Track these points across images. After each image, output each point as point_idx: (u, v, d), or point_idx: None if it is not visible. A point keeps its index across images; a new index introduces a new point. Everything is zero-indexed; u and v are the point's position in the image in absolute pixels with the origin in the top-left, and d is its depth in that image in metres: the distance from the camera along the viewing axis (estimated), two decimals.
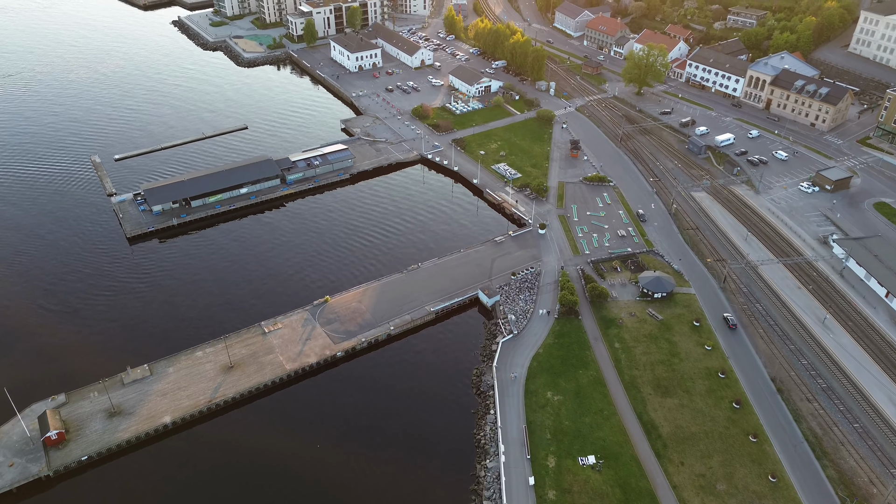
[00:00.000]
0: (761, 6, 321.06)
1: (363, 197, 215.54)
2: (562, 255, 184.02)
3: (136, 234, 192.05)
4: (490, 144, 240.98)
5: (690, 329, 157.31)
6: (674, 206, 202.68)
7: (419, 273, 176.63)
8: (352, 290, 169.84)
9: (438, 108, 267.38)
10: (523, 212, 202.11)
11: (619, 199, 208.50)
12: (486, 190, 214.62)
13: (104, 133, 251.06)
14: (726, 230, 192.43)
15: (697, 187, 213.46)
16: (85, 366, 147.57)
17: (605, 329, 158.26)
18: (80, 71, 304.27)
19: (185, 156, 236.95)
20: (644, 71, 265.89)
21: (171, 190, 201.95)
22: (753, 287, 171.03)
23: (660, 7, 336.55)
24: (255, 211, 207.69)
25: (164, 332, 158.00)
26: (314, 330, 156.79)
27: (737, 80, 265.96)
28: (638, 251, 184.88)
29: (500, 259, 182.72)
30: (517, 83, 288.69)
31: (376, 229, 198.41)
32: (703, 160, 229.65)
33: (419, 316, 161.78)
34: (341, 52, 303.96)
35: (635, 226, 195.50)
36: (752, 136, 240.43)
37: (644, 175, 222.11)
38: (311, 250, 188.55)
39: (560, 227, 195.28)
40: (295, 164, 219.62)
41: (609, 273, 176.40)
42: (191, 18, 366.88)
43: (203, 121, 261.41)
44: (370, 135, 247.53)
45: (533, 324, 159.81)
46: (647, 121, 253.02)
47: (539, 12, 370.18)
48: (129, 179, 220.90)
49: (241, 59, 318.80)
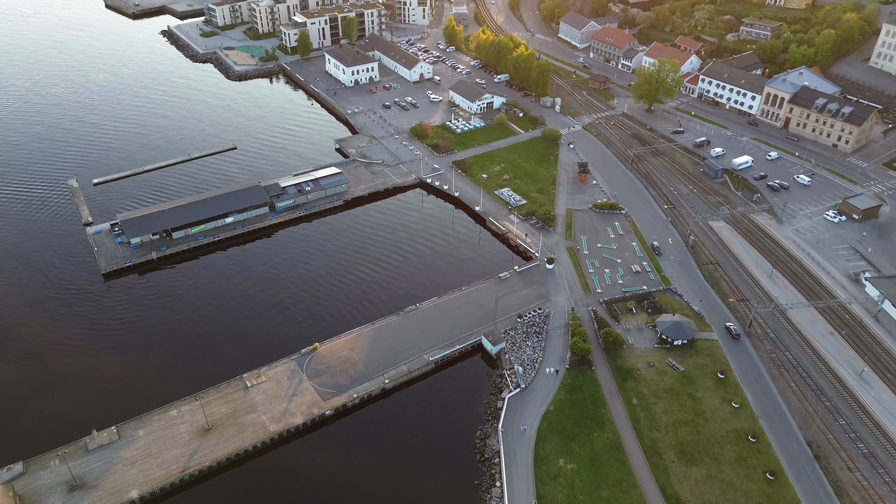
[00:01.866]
0: (776, 17, 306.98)
1: (357, 226, 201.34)
2: (572, 293, 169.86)
3: (112, 269, 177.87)
4: (493, 167, 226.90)
5: (715, 383, 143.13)
6: (691, 238, 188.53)
7: (417, 315, 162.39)
8: (343, 335, 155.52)
9: (438, 126, 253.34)
10: (529, 243, 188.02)
11: (631, 229, 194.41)
12: (489, 218, 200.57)
13: (84, 154, 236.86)
14: (749, 265, 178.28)
15: (715, 216, 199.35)
16: (47, 427, 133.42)
17: (622, 382, 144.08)
18: (63, 85, 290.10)
19: (169, 179, 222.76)
20: (655, 87, 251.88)
21: (151, 221, 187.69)
22: (781, 332, 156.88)
23: (669, 18, 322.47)
24: (241, 242, 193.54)
25: (136, 386, 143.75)
26: (301, 384, 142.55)
27: (753, 97, 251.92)
28: (654, 289, 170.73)
29: (506, 298, 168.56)
30: (520, 99, 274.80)
31: (371, 263, 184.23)
32: (720, 185, 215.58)
33: (417, 366, 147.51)
34: (336, 65, 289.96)
35: (650, 260, 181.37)
36: (770, 158, 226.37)
37: (658, 202, 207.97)
38: (301, 287, 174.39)
39: (569, 262, 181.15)
40: (285, 191, 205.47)
41: (624, 315, 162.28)
42: (181, 28, 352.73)
43: (189, 140, 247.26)
44: (366, 156, 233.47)
45: (542, 376, 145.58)
46: (660, 141, 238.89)
47: (543, 22, 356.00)
48: (107, 206, 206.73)
49: (232, 72, 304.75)
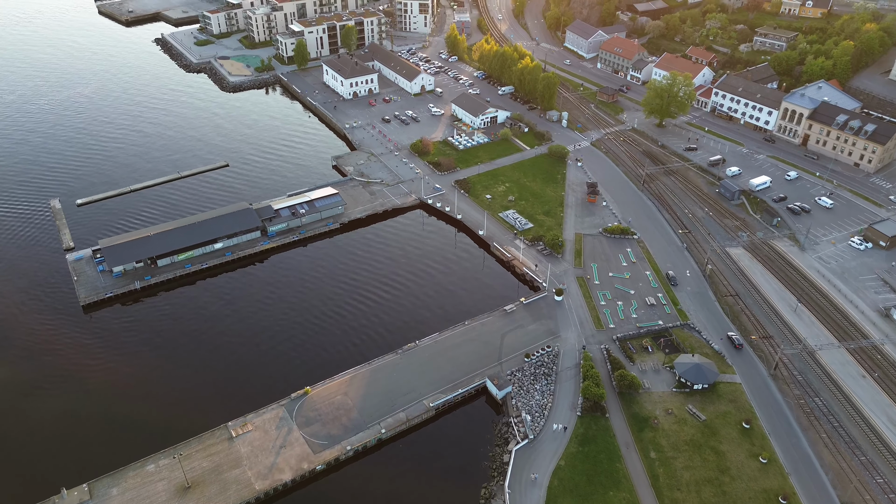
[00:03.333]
0: (790, 27, 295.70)
1: (354, 252, 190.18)
2: (583, 329, 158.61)
3: (92, 300, 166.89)
4: (497, 186, 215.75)
5: (740, 434, 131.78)
6: (708, 267, 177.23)
7: (416, 354, 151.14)
8: (337, 377, 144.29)
9: (439, 142, 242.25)
10: (536, 272, 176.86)
11: (644, 257, 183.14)
12: (494, 243, 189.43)
13: (68, 172, 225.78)
14: (771, 298, 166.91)
15: (733, 242, 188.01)
16: (10, 486, 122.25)
17: (638, 431, 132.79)
18: (51, 97, 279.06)
19: (158, 199, 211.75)
20: (667, 101, 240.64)
21: (134, 248, 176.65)
22: (810, 374, 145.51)
23: (679, 27, 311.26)
24: (230, 269, 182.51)
25: (111, 437, 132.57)
26: (291, 433, 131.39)
27: (769, 113, 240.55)
28: (671, 325, 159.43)
29: (512, 334, 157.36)
30: (526, 112, 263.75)
31: (368, 293, 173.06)
32: (737, 207, 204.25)
33: (416, 413, 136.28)
34: (334, 76, 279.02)
35: (665, 291, 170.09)
36: (790, 179, 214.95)
37: (671, 225, 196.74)
38: (292, 320, 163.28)
39: (579, 293, 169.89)
40: (278, 213, 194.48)
41: (639, 354, 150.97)
42: (174, 36, 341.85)
43: (180, 156, 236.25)
44: (364, 174, 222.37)
45: (552, 425, 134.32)
46: (672, 159, 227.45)
47: (548, 31, 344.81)
48: (91, 229, 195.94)
49: (226, 82, 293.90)
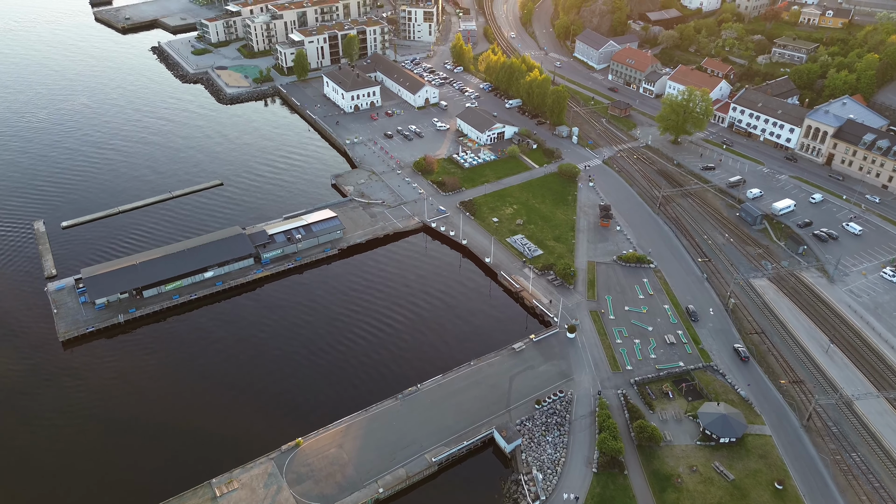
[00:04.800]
0: (810, 37, 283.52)
1: (352, 281, 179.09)
2: (598, 371, 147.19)
3: (72, 336, 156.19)
4: (504, 209, 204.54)
5: (772, 496, 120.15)
6: (731, 301, 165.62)
7: (418, 400, 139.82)
8: (332, 426, 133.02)
9: (444, 159, 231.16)
10: (547, 305, 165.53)
11: (662, 288, 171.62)
12: (501, 272, 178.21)
13: (55, 191, 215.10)
14: (800, 337, 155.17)
15: (757, 272, 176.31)
16: None
17: (660, 492, 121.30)
18: (40, 113, 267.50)
19: (147, 221, 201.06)
20: (683, 118, 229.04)
21: (119, 277, 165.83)
22: (845, 425, 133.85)
23: (694, 37, 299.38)
24: (220, 299, 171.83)
25: (84, 497, 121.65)
26: (280, 493, 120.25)
27: (791, 130, 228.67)
28: (692, 367, 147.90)
29: (521, 376, 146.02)
30: (534, 127, 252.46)
31: (366, 328, 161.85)
32: (760, 232, 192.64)
33: (417, 469, 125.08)
34: (335, 88, 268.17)
35: (686, 328, 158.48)
36: (814, 201, 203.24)
37: (690, 253, 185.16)
38: (285, 360, 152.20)
39: (593, 329, 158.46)
40: (272, 239, 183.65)
41: (659, 401, 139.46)
42: (171, 45, 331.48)
43: (173, 174, 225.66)
44: (364, 195, 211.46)
45: (566, 484, 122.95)
46: (689, 180, 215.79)
47: (557, 40, 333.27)
48: (76, 254, 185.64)
49: (223, 94, 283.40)
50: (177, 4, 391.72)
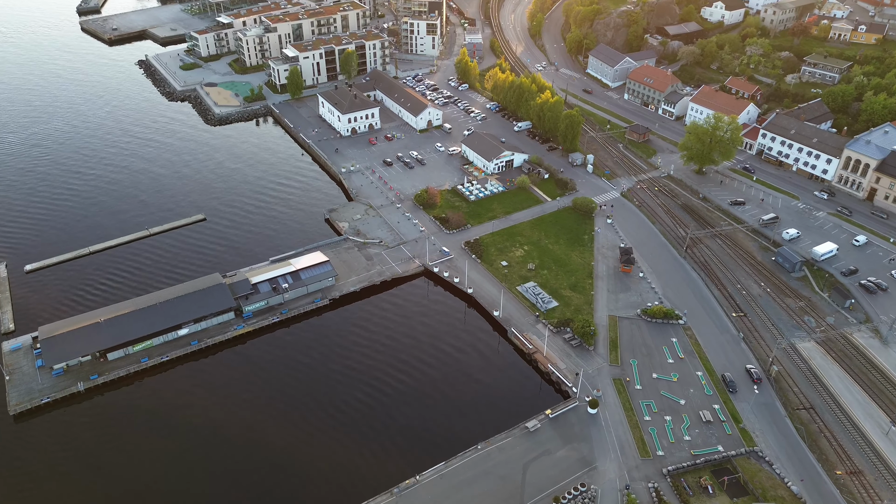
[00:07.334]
0: (842, 55, 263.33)
1: (343, 337, 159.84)
2: (624, 457, 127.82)
3: (25, 408, 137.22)
4: (514, 250, 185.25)
5: None
6: (773, 368, 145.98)
7: (416, 495, 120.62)
8: None
9: (447, 190, 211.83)
10: (564, 371, 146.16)
11: (694, 350, 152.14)
12: (512, 329, 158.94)
13: (19, 230, 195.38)
14: (855, 414, 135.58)
15: (801, 331, 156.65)
16: None
17: None
18: (9, 137, 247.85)
19: (120, 264, 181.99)
20: (709, 147, 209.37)
21: (80, 338, 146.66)
22: None
23: (716, 53, 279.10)
24: (195, 359, 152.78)
25: None
26: None
27: (828, 161, 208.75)
28: (733, 453, 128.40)
29: (536, 464, 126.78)
30: (545, 154, 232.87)
31: (356, 401, 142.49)
32: (799, 281, 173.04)
33: None
34: (331, 110, 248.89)
35: (723, 402, 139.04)
36: (858, 244, 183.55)
37: (723, 306, 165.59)
38: (263, 442, 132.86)
39: (618, 402, 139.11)
40: (256, 288, 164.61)
41: (696, 497, 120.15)
42: (159, 59, 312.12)
43: (152, 206, 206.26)
44: (360, 233, 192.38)
45: None
46: (717, 216, 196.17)
47: (569, 55, 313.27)
48: (39, 303, 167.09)
49: (212, 114, 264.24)
50: (167, 14, 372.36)
